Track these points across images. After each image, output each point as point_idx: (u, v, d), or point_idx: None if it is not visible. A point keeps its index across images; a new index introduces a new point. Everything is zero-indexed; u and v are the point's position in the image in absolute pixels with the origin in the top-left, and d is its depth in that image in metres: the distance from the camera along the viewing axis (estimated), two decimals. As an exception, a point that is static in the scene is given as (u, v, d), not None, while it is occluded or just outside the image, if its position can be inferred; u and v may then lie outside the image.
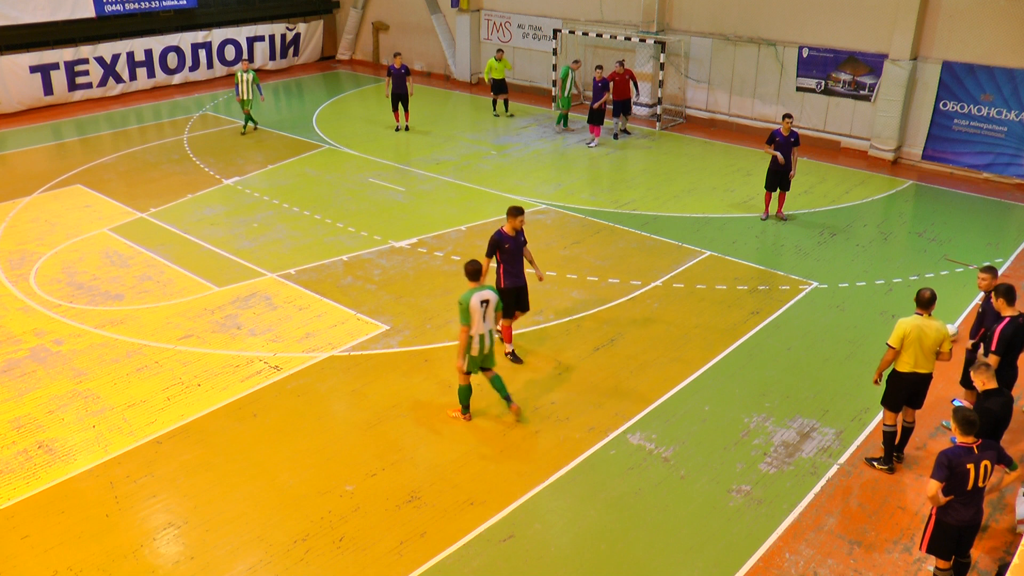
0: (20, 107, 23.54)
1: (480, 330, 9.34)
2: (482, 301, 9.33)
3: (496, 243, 10.55)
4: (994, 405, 7.72)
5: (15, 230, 15.37)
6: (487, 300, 9.37)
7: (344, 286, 13.14)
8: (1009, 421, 7.95)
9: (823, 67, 20.05)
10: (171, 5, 26.42)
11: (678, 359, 11.12)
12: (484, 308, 9.33)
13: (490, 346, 9.52)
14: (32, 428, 9.70)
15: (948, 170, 18.77)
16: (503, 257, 10.62)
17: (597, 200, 16.83)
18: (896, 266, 13.88)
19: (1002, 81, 17.60)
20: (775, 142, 15.10)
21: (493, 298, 9.46)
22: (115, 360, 11.09)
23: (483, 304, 9.33)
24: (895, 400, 8.77)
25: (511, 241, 10.57)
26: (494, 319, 9.53)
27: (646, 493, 8.66)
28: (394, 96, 21.24)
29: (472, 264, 9.50)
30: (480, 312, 9.29)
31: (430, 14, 27.89)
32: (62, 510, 8.44)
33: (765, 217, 15.77)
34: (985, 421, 7.67)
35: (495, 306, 9.47)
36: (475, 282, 9.43)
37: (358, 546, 7.96)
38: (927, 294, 8.42)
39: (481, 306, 9.31)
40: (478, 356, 9.46)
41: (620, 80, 20.63)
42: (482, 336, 9.39)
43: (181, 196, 17.02)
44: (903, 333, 8.40)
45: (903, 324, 8.42)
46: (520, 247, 10.68)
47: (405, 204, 16.68)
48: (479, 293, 9.33)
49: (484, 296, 9.35)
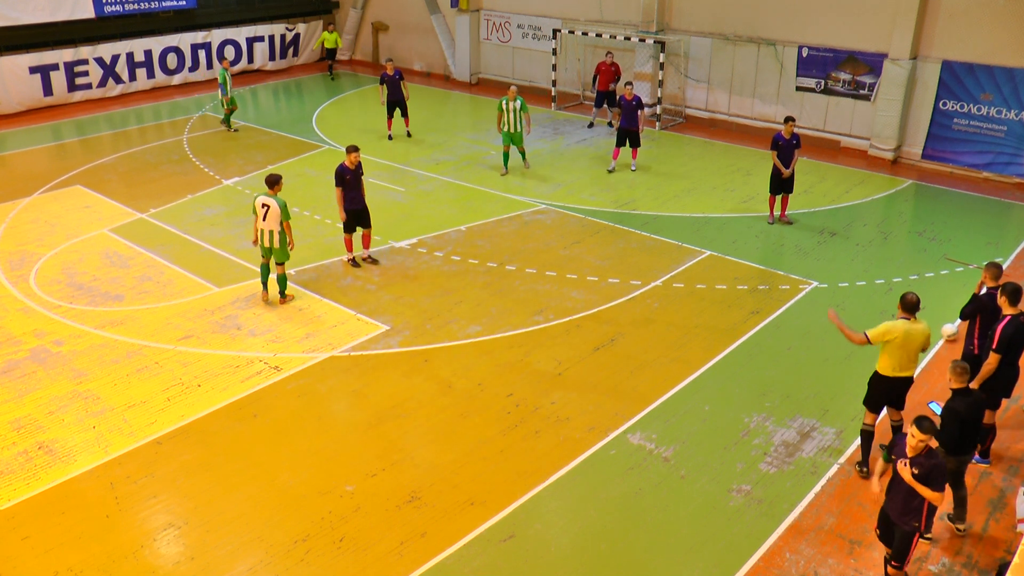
0: (20, 108, 23.54)
1: (261, 226, 12.09)
2: (263, 204, 12.03)
3: (340, 175, 13.28)
4: (959, 405, 7.62)
5: (15, 231, 15.37)
6: (267, 204, 12.00)
7: (344, 286, 13.14)
8: (979, 423, 7.81)
9: (823, 67, 20.05)
10: (171, 6, 26.42)
11: (678, 359, 11.12)
12: (265, 210, 11.99)
13: (269, 242, 12.11)
14: (32, 429, 9.70)
15: (948, 169, 18.77)
16: (344, 186, 13.29)
17: (597, 200, 16.83)
18: (896, 266, 13.88)
19: (1002, 80, 17.60)
20: (778, 146, 15.01)
21: (274, 204, 11.95)
22: (115, 361, 11.09)
23: (264, 207, 12.02)
24: (876, 402, 8.78)
25: (351, 173, 13.29)
26: (276, 220, 11.96)
27: (646, 493, 8.67)
28: (390, 103, 20.53)
29: (271, 176, 12.15)
30: (261, 212, 12.04)
31: (430, 14, 27.89)
32: (62, 511, 8.44)
33: (772, 221, 15.69)
34: (949, 421, 7.66)
35: (278, 212, 11.94)
36: (271, 189, 12.06)
37: (358, 546, 7.96)
38: (913, 298, 8.33)
39: (262, 208, 12.03)
40: (261, 246, 12.23)
41: (606, 71, 20.89)
42: (262, 231, 12.09)
43: (181, 197, 17.02)
44: (887, 335, 8.28)
45: (892, 328, 8.29)
46: (358, 177, 13.41)
47: (405, 204, 16.68)
48: (261, 197, 12.08)
49: (263, 201, 12.04)
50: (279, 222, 12.01)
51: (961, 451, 7.82)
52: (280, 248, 12.20)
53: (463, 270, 13.70)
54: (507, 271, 13.65)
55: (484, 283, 13.24)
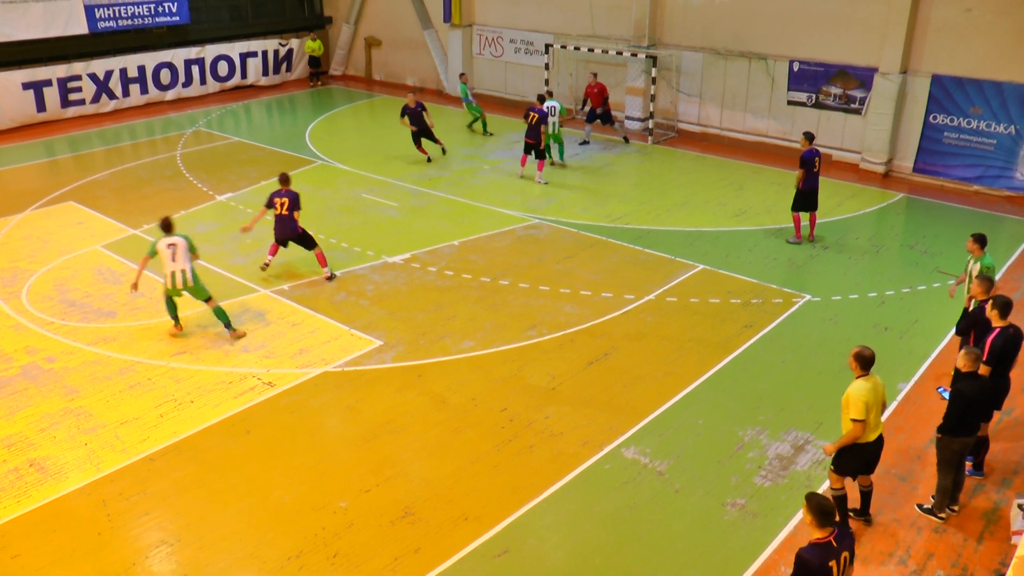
0: (13, 124, 23.53)
1: (171, 268, 11.46)
2: (168, 244, 11.48)
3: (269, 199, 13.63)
4: (966, 387, 7.88)
5: (7, 247, 15.33)
6: (174, 244, 11.49)
7: (337, 302, 13.13)
8: (983, 406, 8.12)
9: (814, 81, 20.18)
10: (164, 21, 26.49)
11: (672, 373, 11.13)
12: (172, 250, 11.47)
13: (183, 283, 11.55)
14: (23, 446, 9.64)
15: (939, 183, 18.88)
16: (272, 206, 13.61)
17: (590, 214, 16.88)
18: (888, 278, 13.94)
19: (991, 94, 17.74)
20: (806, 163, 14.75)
21: (180, 242, 11.53)
22: (107, 377, 11.05)
23: (170, 247, 11.48)
24: (851, 468, 8.11)
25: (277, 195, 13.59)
26: (186, 258, 11.52)
27: (641, 507, 8.65)
28: (415, 135, 20.15)
29: (165, 220, 11.69)
30: (168, 253, 11.46)
31: (422, 29, 28.02)
32: (54, 529, 8.38)
33: (799, 241, 15.37)
34: (956, 401, 7.89)
35: (185, 248, 11.53)
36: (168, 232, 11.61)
37: (352, 563, 7.92)
38: (869, 354, 7.73)
39: (168, 249, 11.46)
40: (172, 289, 11.57)
41: (592, 94, 21.28)
42: (173, 273, 11.48)
43: (174, 212, 16.98)
44: (865, 402, 7.63)
45: (862, 393, 7.63)
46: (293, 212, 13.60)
47: (398, 219, 16.70)
48: (166, 239, 11.52)
49: (171, 241, 11.51)
50: (189, 260, 11.61)
51: (963, 432, 8.03)
52: (196, 286, 11.72)
53: (456, 285, 13.71)
54: (500, 286, 13.66)
55: (477, 298, 13.25)
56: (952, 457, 8.18)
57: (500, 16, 26.01)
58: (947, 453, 8.17)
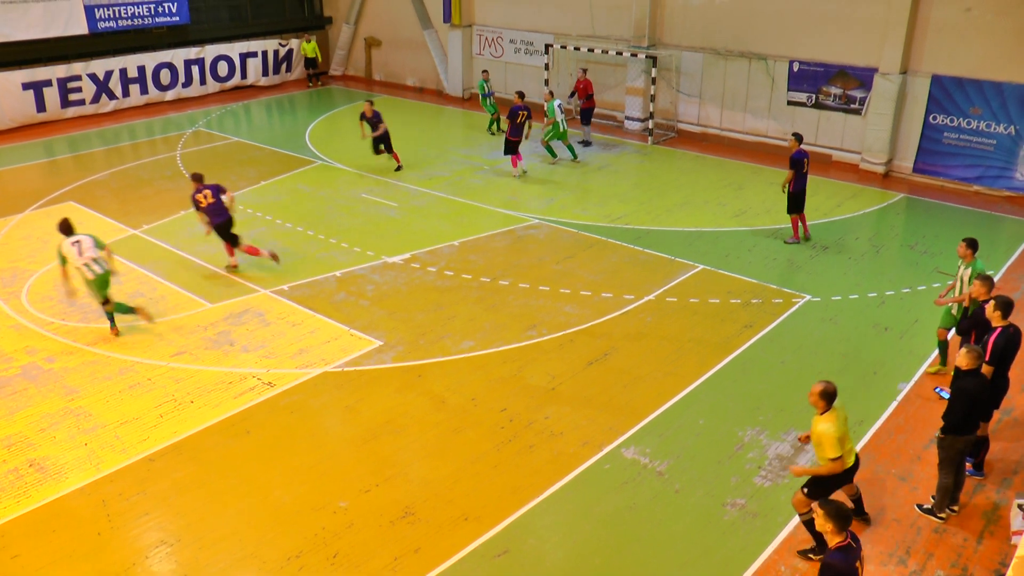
0: (12, 124, 23.55)
1: (81, 261, 11.70)
2: (72, 243, 11.79)
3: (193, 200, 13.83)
4: (969, 385, 7.91)
5: (7, 247, 15.33)
6: (77, 240, 11.80)
7: (337, 302, 13.13)
8: (986, 403, 8.18)
9: (814, 81, 20.18)
10: (164, 22, 26.49)
11: (672, 373, 11.13)
12: (77, 247, 11.74)
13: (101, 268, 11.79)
14: (23, 446, 9.64)
15: (939, 183, 18.88)
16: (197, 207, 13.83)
17: (589, 215, 16.87)
18: (888, 279, 13.94)
19: (990, 95, 17.74)
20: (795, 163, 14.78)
21: (84, 238, 11.82)
22: (107, 377, 11.05)
23: (74, 244, 11.77)
24: (827, 493, 7.72)
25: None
26: (94, 251, 11.76)
27: (640, 508, 8.65)
28: (375, 141, 19.37)
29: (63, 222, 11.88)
30: (74, 250, 11.72)
31: (422, 29, 28.02)
32: (54, 529, 8.38)
33: (797, 240, 15.40)
34: (959, 400, 7.92)
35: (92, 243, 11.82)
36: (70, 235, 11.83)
37: (352, 563, 7.92)
38: (833, 388, 7.47)
39: (73, 246, 11.75)
40: (92, 280, 11.75)
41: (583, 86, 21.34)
42: (87, 264, 11.71)
43: (174, 213, 17.01)
44: (839, 439, 7.43)
45: (833, 431, 7.41)
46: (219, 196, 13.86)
47: (398, 219, 16.70)
48: (68, 239, 11.81)
49: (74, 239, 11.81)
50: (97, 251, 11.78)
51: (966, 430, 8.06)
52: (105, 276, 11.84)
53: (456, 285, 13.71)
54: (500, 286, 13.66)
55: (477, 298, 13.25)
56: (955, 456, 8.19)
57: (500, 16, 26.01)
58: (951, 452, 8.17)
